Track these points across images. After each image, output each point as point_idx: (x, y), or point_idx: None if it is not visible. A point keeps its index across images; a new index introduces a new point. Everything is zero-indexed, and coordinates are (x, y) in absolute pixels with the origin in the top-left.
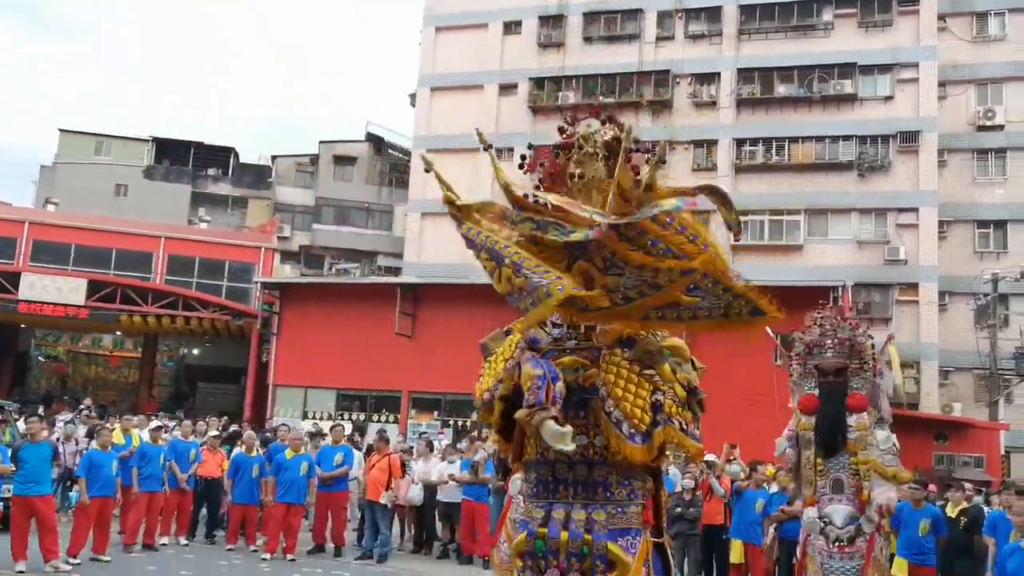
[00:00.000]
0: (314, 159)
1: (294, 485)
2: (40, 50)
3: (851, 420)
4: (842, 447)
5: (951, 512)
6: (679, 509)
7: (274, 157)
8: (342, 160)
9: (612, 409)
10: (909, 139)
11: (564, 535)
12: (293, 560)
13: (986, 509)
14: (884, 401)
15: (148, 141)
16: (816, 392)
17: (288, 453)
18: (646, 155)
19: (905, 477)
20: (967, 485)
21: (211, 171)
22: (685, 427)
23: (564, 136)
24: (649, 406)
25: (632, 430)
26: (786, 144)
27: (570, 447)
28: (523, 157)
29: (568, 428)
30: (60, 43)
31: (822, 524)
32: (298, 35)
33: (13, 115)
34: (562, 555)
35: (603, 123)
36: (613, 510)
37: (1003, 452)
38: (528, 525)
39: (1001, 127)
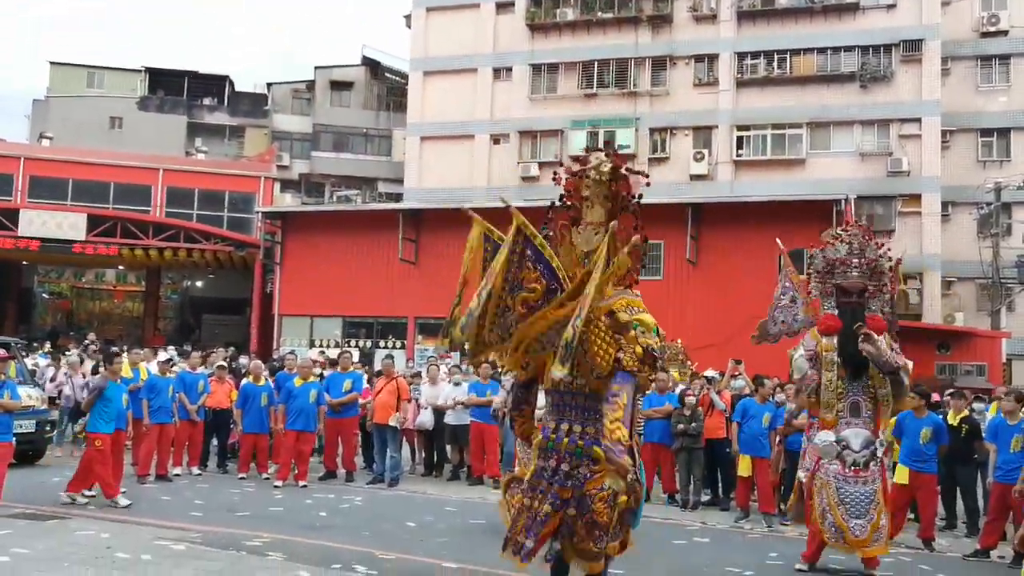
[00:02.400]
0: (310, 85)
1: (303, 412)
2: (42, 13)
3: None
4: (867, 368)
5: (952, 420)
6: (681, 425)
7: (270, 85)
8: (338, 85)
9: (590, 359)
10: (912, 48)
11: (565, 441)
12: (305, 487)
13: (987, 415)
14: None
15: (141, 72)
16: (836, 312)
17: (297, 381)
18: (640, 176)
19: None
20: (966, 392)
21: (206, 101)
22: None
23: (580, 165)
24: (612, 360)
25: (598, 372)
26: (788, 56)
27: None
28: (554, 174)
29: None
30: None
31: (839, 448)
32: None
33: (1, 47)
34: (562, 452)
35: (607, 155)
36: (599, 425)
37: (1005, 360)
38: (545, 431)
39: (1005, 33)
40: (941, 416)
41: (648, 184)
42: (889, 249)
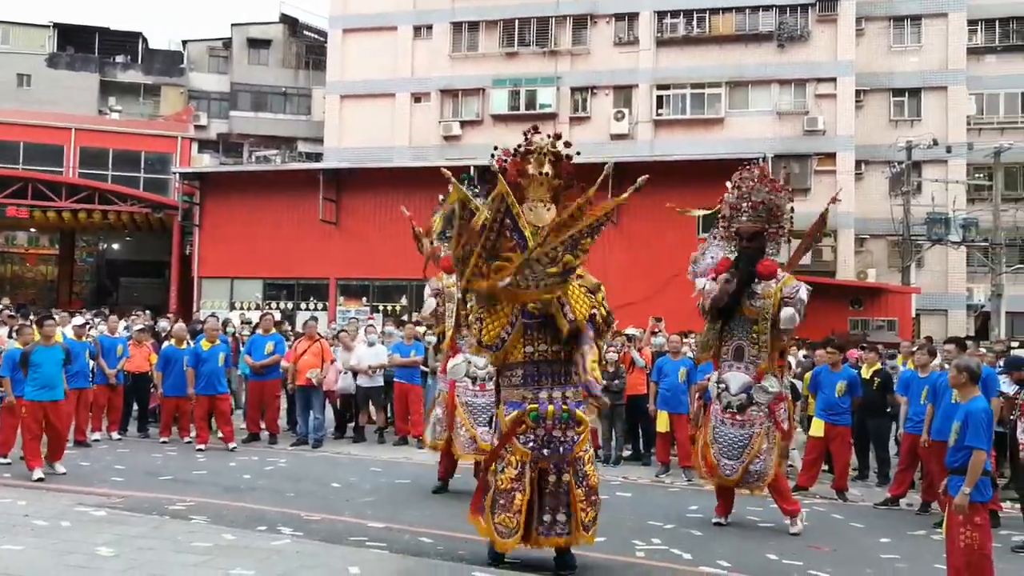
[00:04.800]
0: (227, 43)
1: (213, 375)
2: None
3: (758, 287)
4: (736, 311)
5: (865, 374)
6: (604, 381)
7: (185, 42)
8: (256, 43)
9: (566, 307)
10: (828, 7)
11: (551, 408)
12: (234, 449)
13: (900, 368)
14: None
15: (49, 27)
16: (734, 256)
17: (204, 344)
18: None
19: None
20: (879, 346)
21: (119, 58)
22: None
23: (526, 144)
24: (588, 315)
25: (572, 315)
26: (707, 15)
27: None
28: (492, 155)
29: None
30: None
31: (718, 390)
32: None
33: None
34: (550, 420)
35: (550, 136)
36: (575, 390)
37: (914, 315)
38: (521, 404)
39: None
40: (856, 370)
41: (578, 153)
42: (789, 191)
